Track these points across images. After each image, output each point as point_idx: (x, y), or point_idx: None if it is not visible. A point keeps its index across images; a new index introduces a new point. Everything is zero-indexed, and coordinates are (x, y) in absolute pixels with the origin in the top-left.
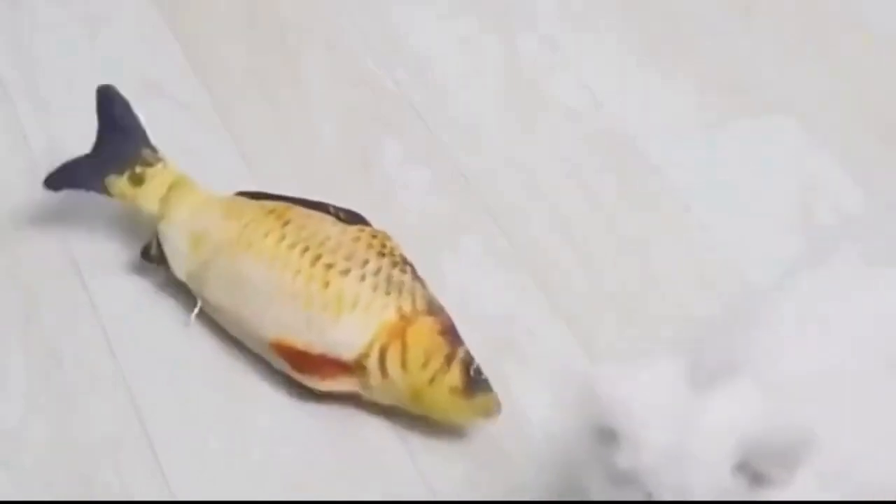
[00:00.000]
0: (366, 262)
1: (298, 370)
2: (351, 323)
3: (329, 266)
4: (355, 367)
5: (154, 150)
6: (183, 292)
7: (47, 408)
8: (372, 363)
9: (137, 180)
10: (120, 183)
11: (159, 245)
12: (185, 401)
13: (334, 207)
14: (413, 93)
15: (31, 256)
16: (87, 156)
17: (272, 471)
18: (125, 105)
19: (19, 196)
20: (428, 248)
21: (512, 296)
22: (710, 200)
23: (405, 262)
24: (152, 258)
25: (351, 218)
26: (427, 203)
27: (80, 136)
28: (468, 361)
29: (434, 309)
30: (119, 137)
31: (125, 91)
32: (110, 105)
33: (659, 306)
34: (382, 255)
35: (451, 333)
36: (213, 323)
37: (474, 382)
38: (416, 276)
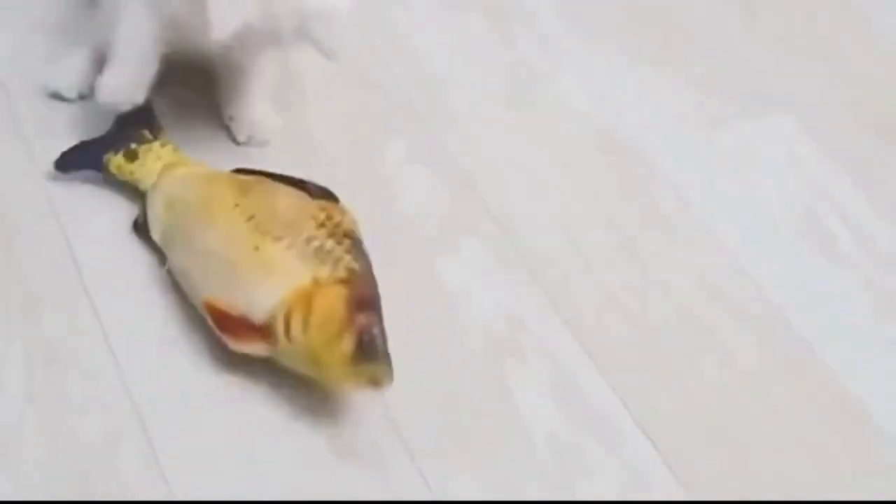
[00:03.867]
0: (300, 231)
1: (220, 330)
2: (268, 286)
3: (265, 233)
4: (266, 330)
5: (154, 131)
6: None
7: (46, 407)
8: (279, 325)
9: (132, 156)
10: (116, 159)
11: (146, 215)
12: (184, 400)
13: (312, 184)
14: (413, 93)
15: (32, 254)
16: (91, 139)
17: (272, 471)
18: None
19: (19, 195)
20: (428, 248)
21: (512, 296)
22: (709, 200)
23: (347, 235)
24: (139, 228)
25: (321, 193)
26: (427, 203)
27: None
28: (364, 331)
29: (354, 278)
30: (123, 123)
31: None
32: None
33: (659, 305)
34: (322, 226)
35: (358, 302)
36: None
37: (364, 351)
38: (353, 249)
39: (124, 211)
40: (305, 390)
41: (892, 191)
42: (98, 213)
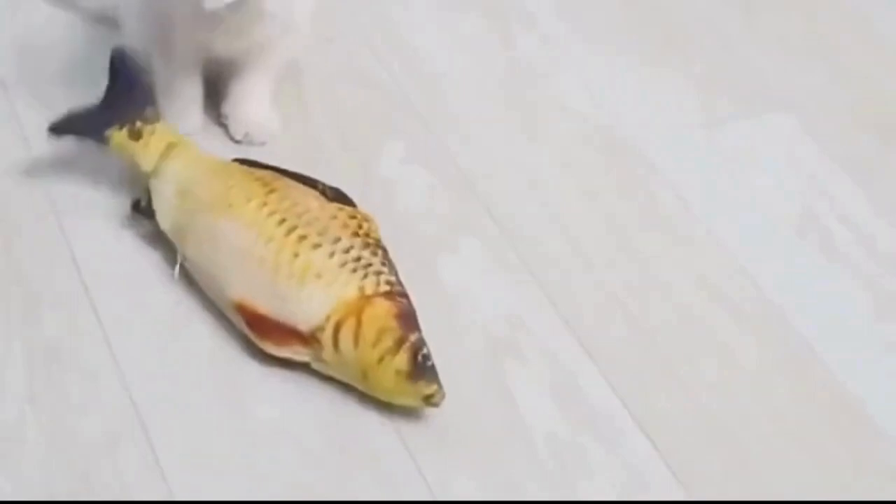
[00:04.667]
0: (338, 239)
1: (256, 333)
2: (312, 295)
3: (302, 238)
4: (310, 338)
5: (157, 111)
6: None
7: (46, 407)
8: (326, 336)
9: (136, 135)
10: (119, 136)
11: (150, 199)
12: (184, 400)
13: (322, 184)
14: (413, 93)
15: (32, 254)
16: (92, 107)
17: (272, 471)
18: (135, 66)
19: (19, 195)
20: (428, 248)
21: (512, 296)
22: (709, 200)
23: (378, 244)
24: (142, 211)
25: (336, 196)
26: (427, 203)
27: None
28: (418, 347)
29: (395, 293)
30: (124, 94)
31: None
32: (121, 64)
33: (659, 306)
34: (356, 235)
35: (406, 318)
36: (215, 323)
37: (420, 368)
38: (385, 261)
39: (125, 211)
40: (305, 390)
41: (892, 191)
42: (98, 213)
